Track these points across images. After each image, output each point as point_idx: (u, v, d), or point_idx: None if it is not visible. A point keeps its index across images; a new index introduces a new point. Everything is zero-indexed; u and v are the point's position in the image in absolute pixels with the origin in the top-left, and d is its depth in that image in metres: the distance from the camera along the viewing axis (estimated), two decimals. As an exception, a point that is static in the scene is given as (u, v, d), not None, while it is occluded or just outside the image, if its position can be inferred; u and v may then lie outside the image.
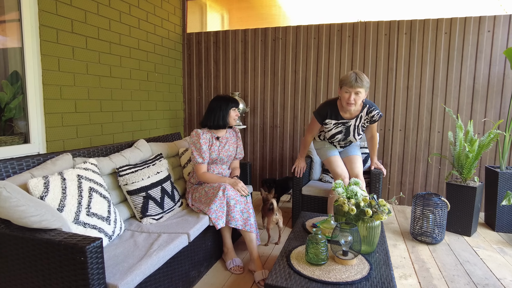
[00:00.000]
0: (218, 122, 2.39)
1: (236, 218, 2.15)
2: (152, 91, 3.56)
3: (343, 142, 2.66)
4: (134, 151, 2.29)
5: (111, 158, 2.09)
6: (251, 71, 3.92)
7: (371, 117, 2.43)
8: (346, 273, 1.50)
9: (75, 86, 2.61)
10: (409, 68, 3.41)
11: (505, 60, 3.15)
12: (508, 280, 2.10)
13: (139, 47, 3.32)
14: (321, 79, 3.69)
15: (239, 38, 3.92)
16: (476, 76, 3.24)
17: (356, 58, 3.55)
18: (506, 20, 3.12)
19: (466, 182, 2.78)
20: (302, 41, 3.71)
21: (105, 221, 1.69)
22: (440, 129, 3.40)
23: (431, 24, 3.29)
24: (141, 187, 2.08)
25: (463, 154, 2.68)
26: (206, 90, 4.12)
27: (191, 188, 2.46)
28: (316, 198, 2.79)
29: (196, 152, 2.35)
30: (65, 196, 1.55)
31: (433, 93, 3.37)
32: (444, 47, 3.29)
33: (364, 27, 3.49)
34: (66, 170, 1.67)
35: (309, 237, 1.60)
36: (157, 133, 3.70)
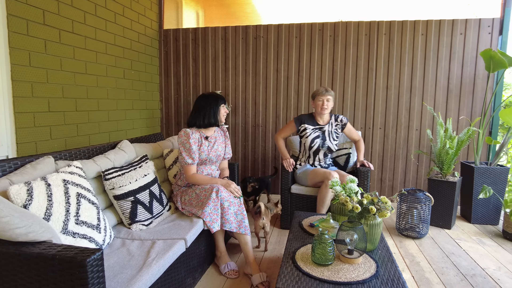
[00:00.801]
0: (209, 120, 2.31)
1: (230, 220, 2.08)
2: (128, 90, 3.37)
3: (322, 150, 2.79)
4: (118, 153, 2.13)
5: (95, 160, 1.92)
6: (232, 69, 3.84)
7: (340, 121, 2.85)
8: (354, 272, 1.48)
9: (48, 83, 2.39)
10: (389, 68, 3.51)
11: (476, 61, 3.33)
12: (492, 269, 2.20)
13: (115, 42, 3.13)
14: (303, 79, 3.70)
15: (219, 36, 3.82)
16: (450, 76, 3.40)
17: (337, 58, 3.59)
18: (476, 24, 3.30)
19: (446, 177, 2.90)
20: (284, 40, 3.69)
21: (95, 230, 1.55)
22: (418, 127, 3.53)
23: (409, 25, 3.41)
24: (128, 191, 1.94)
25: (443, 151, 2.79)
26: (185, 88, 3.98)
27: (179, 191, 2.35)
28: (304, 196, 2.77)
29: (185, 152, 2.24)
30: (51, 203, 1.39)
31: (411, 92, 3.49)
32: (421, 48, 3.42)
33: (345, 27, 3.54)
34: (50, 175, 1.51)
35: (316, 237, 1.57)
36: (134, 134, 3.51)
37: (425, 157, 3.55)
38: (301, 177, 2.83)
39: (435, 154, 2.93)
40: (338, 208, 2.00)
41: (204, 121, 2.31)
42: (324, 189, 2.56)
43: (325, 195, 2.56)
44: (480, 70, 3.33)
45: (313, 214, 2.25)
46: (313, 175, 2.69)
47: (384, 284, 1.39)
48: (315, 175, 2.67)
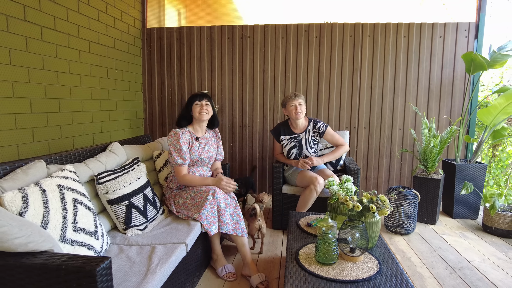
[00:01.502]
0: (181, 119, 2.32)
1: (226, 222, 2.06)
2: (112, 90, 3.26)
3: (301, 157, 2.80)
4: (109, 156, 2.05)
5: (87, 164, 1.84)
6: (218, 69, 3.81)
7: (318, 129, 2.78)
8: (358, 270, 1.50)
9: (30, 83, 2.26)
10: (373, 68, 3.60)
11: (454, 63, 3.49)
12: (477, 262, 2.31)
13: (99, 41, 3.01)
14: (289, 79, 3.72)
15: (204, 35, 3.77)
16: (431, 77, 3.53)
17: (323, 59, 3.64)
18: (454, 28, 3.45)
19: (430, 175, 3.01)
20: (270, 40, 3.69)
21: (94, 236, 1.48)
22: (401, 127, 3.64)
23: (392, 27, 3.51)
24: (123, 195, 1.87)
25: (428, 149, 2.90)
26: (169, 88, 3.90)
27: (172, 194, 2.30)
28: (296, 196, 2.79)
29: (175, 153, 2.20)
30: (48, 210, 1.31)
31: (394, 92, 3.60)
32: (403, 50, 3.53)
33: (330, 28, 3.60)
34: (44, 180, 1.43)
35: (319, 236, 1.58)
36: (118, 135, 3.39)
37: (408, 155, 3.67)
38: (289, 177, 2.85)
39: (419, 153, 3.04)
40: (333, 207, 2.03)
41: (178, 120, 2.33)
42: (308, 192, 2.58)
43: (308, 199, 2.59)
44: (458, 72, 3.49)
45: (308, 214, 2.26)
46: (300, 178, 2.70)
47: (388, 281, 1.42)
48: (302, 178, 2.68)
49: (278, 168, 2.81)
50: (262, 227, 2.38)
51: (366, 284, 1.39)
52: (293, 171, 2.81)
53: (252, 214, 2.39)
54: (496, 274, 2.14)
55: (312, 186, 2.55)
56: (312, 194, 2.56)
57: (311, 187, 2.55)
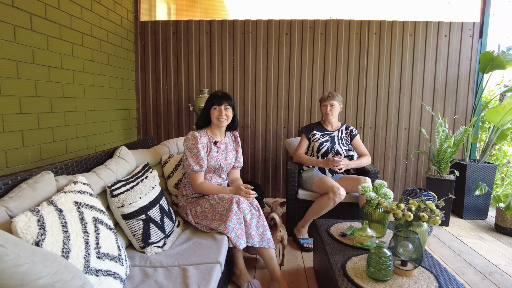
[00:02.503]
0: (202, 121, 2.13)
1: (252, 234, 1.87)
2: (105, 87, 2.96)
3: (331, 153, 2.70)
4: (119, 163, 1.80)
5: (97, 173, 1.59)
6: (218, 66, 3.58)
7: (350, 131, 2.81)
8: (417, 286, 1.36)
9: (19, 79, 1.95)
10: (379, 67, 3.51)
11: (458, 62, 3.47)
12: (504, 265, 2.26)
13: (92, 33, 2.71)
14: (293, 77, 3.56)
15: (203, 30, 3.54)
16: (436, 77, 3.50)
17: (329, 56, 3.51)
18: (459, 27, 3.43)
19: (442, 175, 2.95)
20: (274, 36, 3.52)
21: (118, 262, 1.25)
22: (407, 126, 3.58)
23: (398, 26, 3.44)
24: (139, 208, 1.63)
25: (442, 150, 2.84)
26: (165, 86, 3.63)
27: (187, 202, 2.07)
28: (311, 202, 2.63)
29: (192, 158, 1.98)
30: (67, 236, 1.07)
31: (400, 92, 3.54)
32: (409, 48, 3.47)
33: (336, 25, 3.47)
34: (57, 196, 1.17)
35: (373, 250, 1.43)
36: (112, 137, 3.10)
37: (413, 155, 3.62)
38: (306, 181, 2.69)
39: (432, 153, 2.98)
40: (367, 214, 1.89)
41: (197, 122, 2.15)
42: (325, 201, 2.43)
43: (324, 207, 2.44)
44: (462, 71, 3.47)
45: (336, 222, 2.11)
46: (320, 184, 2.53)
47: (454, 299, 1.29)
48: (322, 184, 2.51)
49: (294, 171, 2.64)
50: (284, 239, 2.19)
51: (433, 304, 1.25)
52: (312, 174, 2.65)
53: (272, 224, 2.20)
54: (527, 278, 2.09)
55: (331, 195, 2.38)
56: (329, 203, 2.41)
57: (330, 196, 2.39)
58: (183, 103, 3.65)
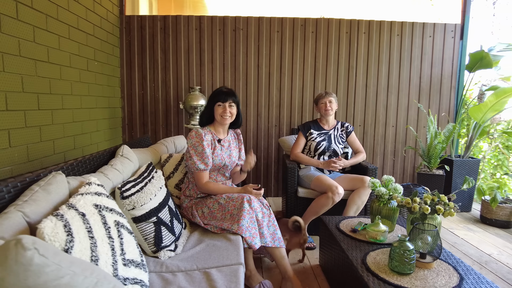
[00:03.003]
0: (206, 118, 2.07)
1: (265, 234, 1.82)
2: (92, 84, 2.79)
3: (328, 152, 2.73)
4: (124, 162, 1.69)
5: (105, 174, 1.47)
6: (208, 63, 3.49)
7: (346, 127, 2.85)
8: (439, 277, 1.39)
9: (5, 73, 1.78)
10: (368, 66, 3.58)
11: (442, 62, 3.61)
12: (496, 254, 2.37)
13: (78, 26, 2.54)
14: (285, 76, 3.55)
15: (193, 26, 3.43)
16: (422, 76, 3.62)
17: (320, 55, 3.54)
18: (442, 28, 3.57)
19: (432, 170, 3.06)
20: (265, 33, 3.49)
21: (142, 268, 1.16)
22: (394, 124, 3.68)
23: (386, 25, 3.52)
24: (150, 210, 1.54)
25: (432, 146, 2.94)
26: (152, 83, 3.49)
27: (191, 203, 1.99)
28: (311, 200, 2.62)
29: (196, 157, 1.91)
30: (94, 242, 0.97)
31: (388, 90, 3.63)
32: (397, 48, 3.57)
33: (327, 23, 3.50)
34: (74, 199, 1.07)
35: (396, 244, 1.43)
36: (98, 137, 2.92)
37: (400, 152, 3.73)
38: (303, 179, 2.68)
39: (422, 149, 3.07)
40: (377, 209, 1.91)
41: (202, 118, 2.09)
42: (324, 200, 2.43)
43: (323, 206, 2.44)
44: (445, 71, 3.62)
45: (344, 218, 2.12)
46: (318, 183, 2.53)
47: (478, 285, 1.32)
48: (321, 183, 2.51)
49: (293, 169, 2.62)
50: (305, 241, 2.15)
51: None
52: (310, 173, 2.64)
53: (296, 226, 2.13)
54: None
55: (330, 194, 2.39)
56: (328, 202, 2.41)
57: (329, 195, 2.39)
58: (172, 101, 3.53)
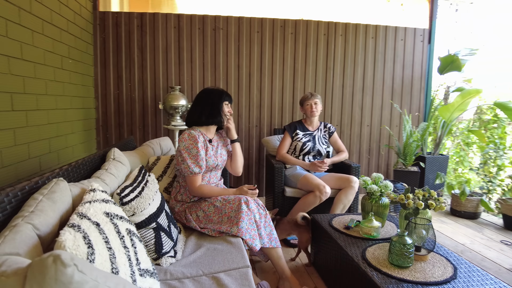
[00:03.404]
0: (211, 119, 2.01)
1: (262, 235, 1.82)
2: (67, 84, 2.62)
3: (313, 152, 2.80)
4: (117, 166, 1.60)
5: (102, 179, 1.39)
6: (187, 62, 3.42)
7: (328, 128, 2.93)
8: (435, 269, 1.47)
9: (-21, 71, 1.62)
10: (344, 68, 3.70)
11: (412, 64, 3.82)
12: (469, 244, 2.55)
13: (52, 21, 2.37)
14: (265, 76, 3.56)
15: (171, 24, 3.34)
16: (394, 77, 3.80)
17: (299, 56, 3.59)
18: (412, 32, 3.77)
19: (407, 168, 3.23)
20: (245, 34, 3.48)
21: (155, 277, 1.11)
22: (369, 123, 3.83)
23: (362, 28, 3.66)
24: (149, 215, 1.47)
25: (408, 144, 3.10)
26: (128, 83, 3.35)
27: (183, 207, 1.94)
28: (298, 199, 2.66)
29: (190, 160, 1.86)
30: (112, 253, 0.92)
31: (363, 91, 3.77)
32: (371, 50, 3.71)
33: (305, 25, 3.56)
34: (83, 207, 1.00)
35: (395, 238, 1.49)
36: (74, 139, 2.75)
37: (375, 151, 3.89)
38: (290, 178, 2.72)
39: (398, 147, 3.23)
40: (368, 206, 1.98)
41: (203, 117, 1.99)
42: (311, 199, 2.49)
43: (310, 204, 2.50)
44: (416, 73, 3.83)
45: (334, 216, 2.17)
46: (305, 182, 2.57)
47: (471, 274, 1.41)
48: (308, 182, 2.55)
49: (280, 169, 2.65)
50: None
51: (460, 281, 1.36)
52: (296, 172, 2.68)
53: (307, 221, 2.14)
54: (491, 253, 2.39)
55: (317, 193, 2.45)
56: (315, 201, 2.47)
57: (316, 194, 2.45)
58: (149, 101, 3.41)
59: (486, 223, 3.01)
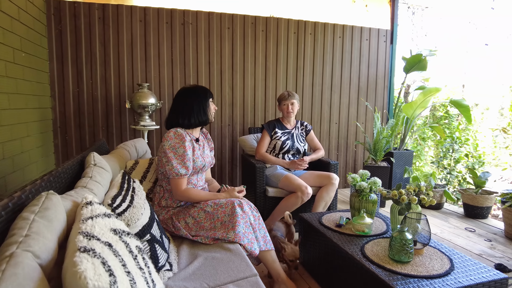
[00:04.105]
0: (199, 118, 1.90)
1: (258, 238, 1.76)
2: (20, 80, 2.31)
3: (292, 151, 2.80)
4: (101, 173, 1.43)
5: (90, 188, 1.22)
6: (155, 58, 3.21)
7: (305, 126, 2.95)
8: (433, 261, 1.51)
9: None
10: (314, 66, 3.74)
11: (376, 64, 3.98)
12: (440, 233, 2.71)
13: (1, 7, 2.06)
14: (237, 74, 3.48)
15: (136, 17, 3.11)
16: (360, 76, 3.93)
17: (270, 54, 3.56)
18: (376, 33, 3.93)
19: (378, 163, 3.36)
20: (216, 30, 3.35)
21: (168, 297, 0.99)
22: (337, 121, 3.93)
23: (330, 28, 3.73)
24: (143, 226, 1.33)
25: (379, 141, 3.22)
26: (90, 80, 3.06)
27: (169, 214, 1.80)
28: (281, 199, 2.63)
29: (176, 160, 1.74)
30: (132, 278, 0.80)
31: (331, 89, 3.85)
32: (339, 49, 3.80)
33: (276, 23, 3.54)
34: (86, 225, 0.85)
35: (395, 234, 1.52)
36: (29, 143, 2.44)
37: (343, 147, 4.00)
38: (270, 178, 2.68)
39: (368, 144, 3.35)
40: (357, 203, 2.00)
41: (191, 119, 1.87)
42: (293, 199, 2.48)
43: (292, 205, 2.49)
44: (379, 72, 4.00)
45: (323, 214, 2.17)
46: (287, 182, 2.55)
47: (469, 265, 1.48)
48: (289, 182, 2.53)
49: (262, 168, 2.59)
50: None
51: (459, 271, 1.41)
52: (276, 172, 2.64)
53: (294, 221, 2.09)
54: (460, 240, 2.56)
55: (299, 194, 2.44)
56: (297, 202, 2.47)
57: (298, 195, 2.44)
58: (113, 100, 3.14)
59: (449, 212, 3.24)
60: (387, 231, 1.89)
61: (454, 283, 1.34)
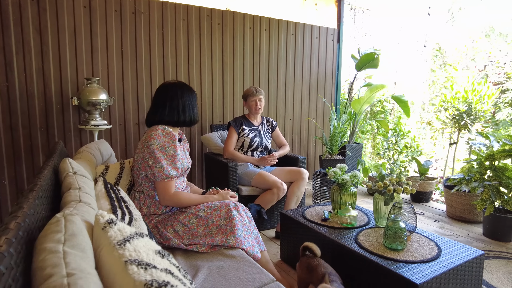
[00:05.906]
0: (193, 117, 1.76)
1: (253, 240, 1.69)
2: None
3: (260, 148, 2.78)
4: (85, 182, 1.21)
5: (88, 202, 1.02)
6: (102, 50, 2.87)
7: (271, 122, 2.95)
8: (423, 246, 1.63)
9: None
10: (269, 63, 3.75)
11: (325, 61, 4.16)
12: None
13: None
14: (193, 68, 3.30)
15: (80, 2, 2.73)
16: (311, 73, 4.07)
17: (227, 49, 3.46)
18: (325, 31, 4.10)
19: (333, 156, 3.53)
20: (170, 20, 3.13)
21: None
22: (291, 117, 4.02)
23: (283, 24, 3.77)
24: (146, 241, 1.17)
25: (335, 135, 3.38)
26: (23, 73, 2.60)
27: (155, 222, 1.64)
28: (255, 197, 2.58)
29: (166, 161, 1.60)
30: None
31: (286, 86, 3.91)
32: (292, 47, 3.87)
33: (232, 16, 3.45)
34: (127, 251, 0.70)
35: (389, 223, 1.60)
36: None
37: (297, 142, 4.11)
38: (242, 177, 2.62)
39: (325, 138, 3.49)
40: (338, 196, 2.06)
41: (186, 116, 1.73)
42: (269, 196, 2.47)
43: (268, 202, 2.49)
44: (328, 69, 4.20)
45: (304, 208, 2.18)
46: (260, 180, 2.51)
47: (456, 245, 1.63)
48: (263, 180, 2.50)
49: (234, 167, 2.51)
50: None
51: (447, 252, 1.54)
52: (248, 170, 2.58)
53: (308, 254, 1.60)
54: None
55: (275, 190, 2.44)
56: (273, 199, 2.46)
57: (274, 191, 2.44)
58: (53, 96, 2.73)
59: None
60: (369, 222, 1.98)
61: (448, 263, 1.46)
